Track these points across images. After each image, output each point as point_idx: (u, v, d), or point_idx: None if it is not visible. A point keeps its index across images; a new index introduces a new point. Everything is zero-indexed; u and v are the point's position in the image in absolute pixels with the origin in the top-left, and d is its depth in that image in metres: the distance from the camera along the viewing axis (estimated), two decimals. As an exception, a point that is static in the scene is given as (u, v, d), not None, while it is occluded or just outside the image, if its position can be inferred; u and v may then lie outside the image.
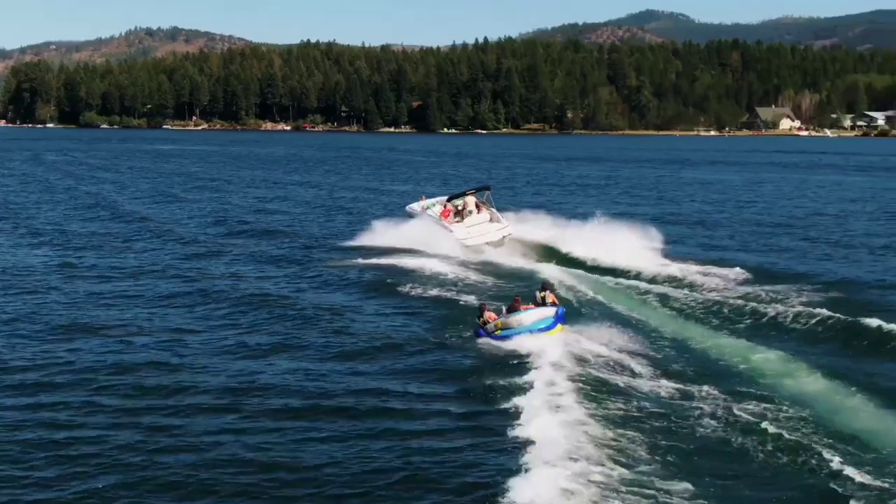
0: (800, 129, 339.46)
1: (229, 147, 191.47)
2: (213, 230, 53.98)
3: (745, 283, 35.76)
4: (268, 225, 55.90)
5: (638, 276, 37.60)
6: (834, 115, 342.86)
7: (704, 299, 32.99)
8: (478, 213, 47.47)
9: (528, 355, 24.79)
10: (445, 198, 50.50)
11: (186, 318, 30.45)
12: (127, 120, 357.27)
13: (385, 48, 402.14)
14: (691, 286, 35.53)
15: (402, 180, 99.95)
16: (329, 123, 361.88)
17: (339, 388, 22.53)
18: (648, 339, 27.04)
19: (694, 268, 38.52)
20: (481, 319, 27.67)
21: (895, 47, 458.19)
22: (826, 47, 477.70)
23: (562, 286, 34.50)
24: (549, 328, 26.69)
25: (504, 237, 45.61)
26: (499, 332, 26.88)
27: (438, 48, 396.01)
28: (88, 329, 28.48)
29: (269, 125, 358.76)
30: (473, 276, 38.40)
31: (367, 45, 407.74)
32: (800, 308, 30.63)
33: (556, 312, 27.19)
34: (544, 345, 25.36)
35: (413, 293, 34.54)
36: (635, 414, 20.41)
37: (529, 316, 27.12)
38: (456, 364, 25.01)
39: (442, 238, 44.69)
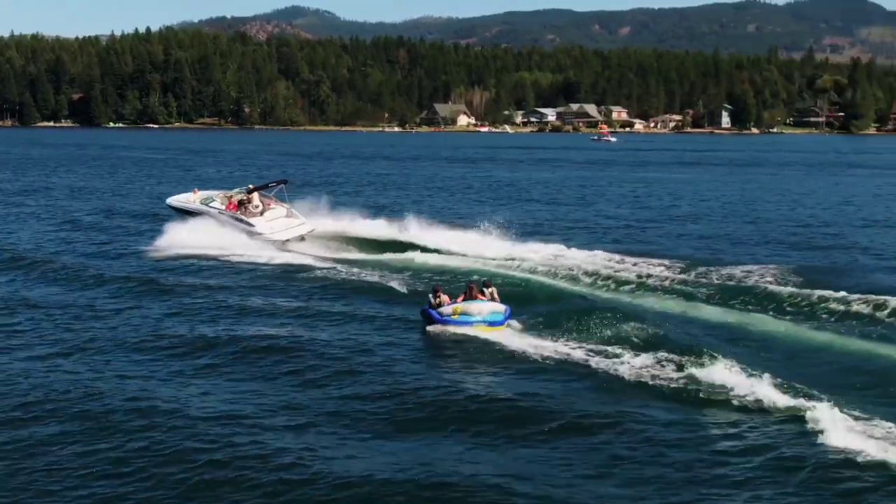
0: (479, 125, 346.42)
1: None
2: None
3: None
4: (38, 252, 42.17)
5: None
6: (506, 112, 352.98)
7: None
8: (264, 207, 46.24)
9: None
10: (224, 192, 49.08)
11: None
12: None
13: (37, 37, 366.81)
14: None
15: (145, 179, 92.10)
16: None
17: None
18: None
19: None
20: (436, 301, 27.63)
21: (529, 46, 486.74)
22: (469, 46, 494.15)
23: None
24: (500, 323, 27.22)
25: (307, 233, 45.05)
26: (456, 316, 27.10)
27: (97, 37, 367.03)
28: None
29: None
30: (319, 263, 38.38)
31: (16, 33, 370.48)
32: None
33: (506, 310, 27.55)
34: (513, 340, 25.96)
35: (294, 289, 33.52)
36: None
37: (488, 307, 27.40)
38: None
39: (242, 233, 43.64)
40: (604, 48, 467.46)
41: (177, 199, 48.95)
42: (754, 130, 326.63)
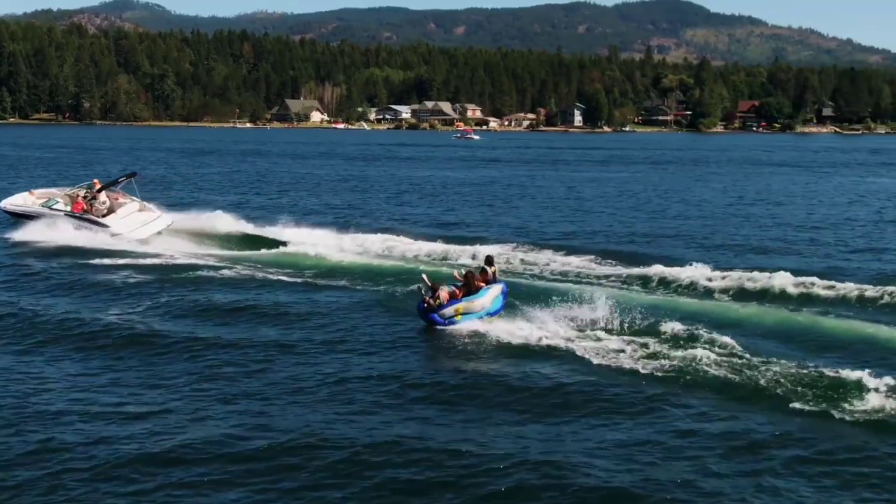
0: (335, 121, 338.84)
1: None
2: None
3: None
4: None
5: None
6: (360, 109, 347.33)
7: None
8: (112, 204, 42.14)
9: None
10: (65, 190, 44.53)
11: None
12: None
13: None
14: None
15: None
16: None
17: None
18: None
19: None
20: (437, 301, 24.58)
21: (375, 43, 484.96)
22: (315, 41, 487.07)
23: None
24: (500, 309, 25.40)
25: (165, 227, 41.36)
26: (459, 317, 24.50)
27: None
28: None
29: None
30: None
31: None
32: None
33: (503, 290, 25.65)
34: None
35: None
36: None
37: (489, 297, 25.19)
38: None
39: (97, 235, 39.28)
40: (441, 47, 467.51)
41: (12, 203, 43.05)
42: (606, 129, 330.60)
